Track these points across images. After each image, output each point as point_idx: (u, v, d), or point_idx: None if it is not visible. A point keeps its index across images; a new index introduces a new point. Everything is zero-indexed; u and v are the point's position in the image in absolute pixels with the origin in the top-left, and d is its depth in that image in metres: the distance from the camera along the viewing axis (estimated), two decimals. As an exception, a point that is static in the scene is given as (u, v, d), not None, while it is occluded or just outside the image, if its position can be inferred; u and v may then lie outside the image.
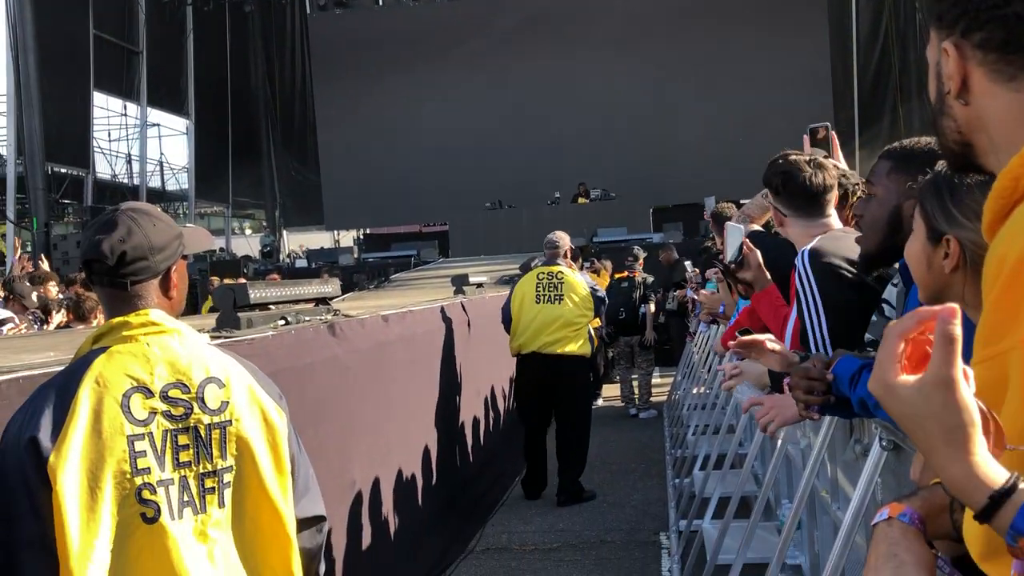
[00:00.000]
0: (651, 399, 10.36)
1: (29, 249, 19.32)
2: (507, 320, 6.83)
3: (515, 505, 6.76)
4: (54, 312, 7.15)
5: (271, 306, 3.86)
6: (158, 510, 1.72)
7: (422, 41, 22.77)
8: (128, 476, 1.69)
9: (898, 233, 1.95)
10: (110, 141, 23.98)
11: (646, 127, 21.25)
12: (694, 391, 8.42)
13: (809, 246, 2.68)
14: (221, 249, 25.23)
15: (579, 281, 6.91)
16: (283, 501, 1.86)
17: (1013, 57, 1.01)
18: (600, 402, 10.80)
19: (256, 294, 3.73)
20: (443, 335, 6.21)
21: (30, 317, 6.95)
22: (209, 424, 1.80)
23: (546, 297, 6.74)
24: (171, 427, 1.76)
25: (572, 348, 6.72)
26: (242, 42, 26.06)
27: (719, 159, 19.96)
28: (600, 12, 21.96)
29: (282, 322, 3.86)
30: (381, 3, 25.44)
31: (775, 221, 3.02)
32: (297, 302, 4.18)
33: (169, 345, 1.80)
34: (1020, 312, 0.90)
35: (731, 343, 2.40)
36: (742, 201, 5.26)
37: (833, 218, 2.85)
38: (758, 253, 3.25)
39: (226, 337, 3.28)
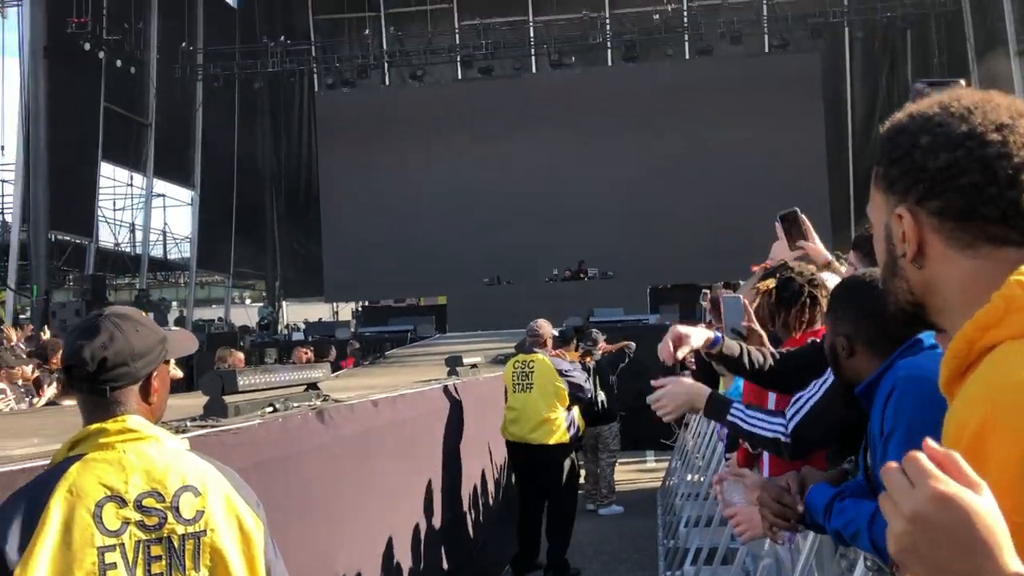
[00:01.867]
0: (615, 493, 9.50)
1: (28, 315, 19.36)
2: None
3: (504, 595, 6.64)
4: (46, 385, 7.12)
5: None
6: (127, 623, 1.68)
7: (425, 120, 23.21)
8: (97, 589, 1.67)
9: (841, 365, 2.10)
10: (114, 210, 24.21)
11: (645, 207, 21.48)
12: (688, 478, 8.32)
13: None
14: (220, 319, 25.24)
15: (551, 368, 6.88)
16: (256, 613, 1.83)
17: (970, 224, 1.03)
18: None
19: (244, 381, 3.72)
20: (434, 419, 6.16)
21: (21, 390, 6.92)
22: (183, 534, 1.78)
23: (519, 386, 6.79)
24: (144, 537, 1.74)
25: (547, 438, 6.75)
26: (250, 116, 26.52)
27: (717, 241, 20.12)
28: (602, 95, 22.42)
29: (270, 409, 3.84)
30: (387, 83, 26.02)
31: None
32: (286, 387, 4.16)
33: (146, 453, 1.79)
34: None
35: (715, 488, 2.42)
36: (741, 282, 5.29)
37: None
38: (761, 331, 3.20)
39: (212, 426, 3.26)
